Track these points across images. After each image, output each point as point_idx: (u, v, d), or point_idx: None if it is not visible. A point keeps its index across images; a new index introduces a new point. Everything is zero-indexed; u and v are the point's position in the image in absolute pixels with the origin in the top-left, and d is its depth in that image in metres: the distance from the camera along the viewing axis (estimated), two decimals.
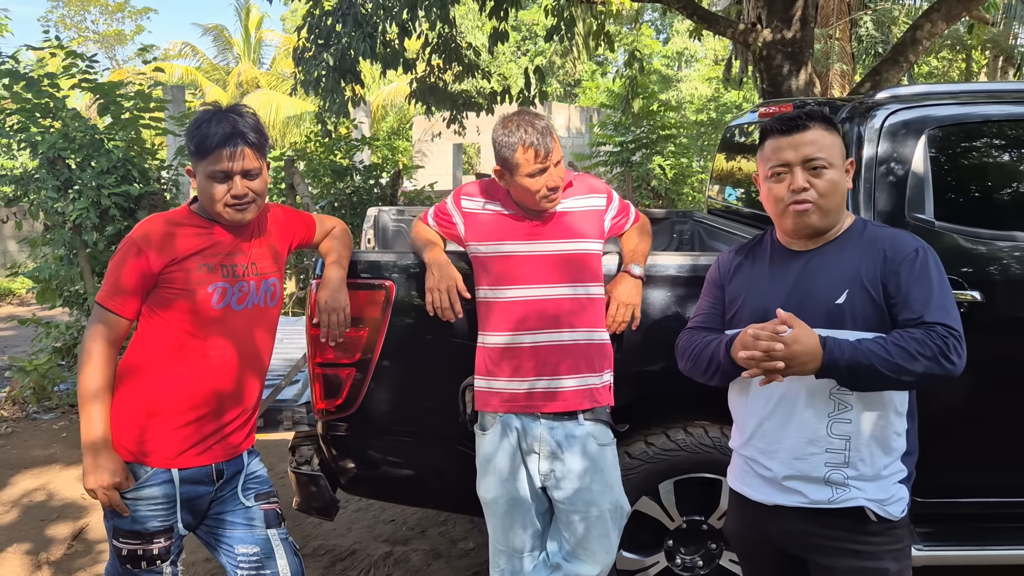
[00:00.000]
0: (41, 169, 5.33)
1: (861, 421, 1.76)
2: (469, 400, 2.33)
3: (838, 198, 1.80)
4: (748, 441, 1.90)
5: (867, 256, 1.78)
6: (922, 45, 6.23)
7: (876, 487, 1.77)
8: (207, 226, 2.08)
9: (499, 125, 2.24)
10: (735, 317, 1.93)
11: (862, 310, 1.74)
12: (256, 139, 2.03)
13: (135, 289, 2.01)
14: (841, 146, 1.83)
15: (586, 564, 2.25)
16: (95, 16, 30.73)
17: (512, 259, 2.26)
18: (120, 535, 2.03)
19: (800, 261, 1.86)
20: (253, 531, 2.14)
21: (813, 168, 1.78)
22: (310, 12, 7.09)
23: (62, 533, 3.65)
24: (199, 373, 2.04)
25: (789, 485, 1.80)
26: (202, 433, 2.05)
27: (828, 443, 1.77)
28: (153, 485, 2.01)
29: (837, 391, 1.75)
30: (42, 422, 5.26)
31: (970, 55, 17.89)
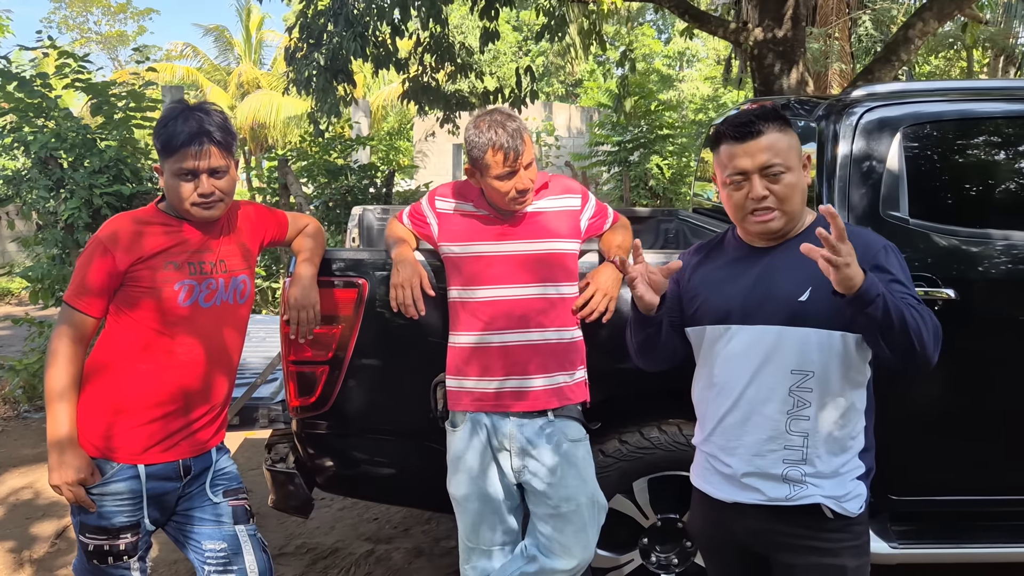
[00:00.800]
0: (33, 169, 5.35)
1: (819, 418, 1.76)
2: (440, 397, 2.34)
3: (799, 198, 1.79)
4: (709, 437, 1.90)
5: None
6: (914, 44, 6.22)
7: (833, 484, 1.77)
8: (174, 224, 2.09)
9: (471, 124, 2.24)
10: (695, 315, 1.93)
11: (825, 308, 1.72)
12: (222, 137, 2.03)
13: (101, 288, 2.01)
14: (797, 144, 1.81)
15: (561, 558, 2.24)
16: (97, 17, 30.82)
17: (483, 259, 2.26)
18: (87, 531, 2.04)
19: (762, 259, 1.85)
20: (221, 527, 2.14)
21: (772, 175, 1.76)
22: (302, 12, 7.11)
23: (46, 531, 3.67)
24: (166, 370, 2.04)
25: (748, 482, 1.81)
26: (168, 430, 2.06)
27: (787, 440, 1.77)
28: (119, 481, 2.02)
29: (797, 388, 1.76)
30: (32, 421, 5.28)
31: (971, 55, 17.85)
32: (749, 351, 1.80)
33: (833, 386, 1.76)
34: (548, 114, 19.13)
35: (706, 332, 1.89)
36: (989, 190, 2.68)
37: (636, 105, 12.00)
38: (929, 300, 2.40)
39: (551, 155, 15.55)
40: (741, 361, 1.81)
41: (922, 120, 2.58)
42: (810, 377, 1.75)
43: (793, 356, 1.75)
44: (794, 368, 1.75)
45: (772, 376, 1.77)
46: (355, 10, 6.82)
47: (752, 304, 1.80)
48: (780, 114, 1.81)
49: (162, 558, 3.39)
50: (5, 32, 13.60)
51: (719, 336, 1.86)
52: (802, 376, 1.75)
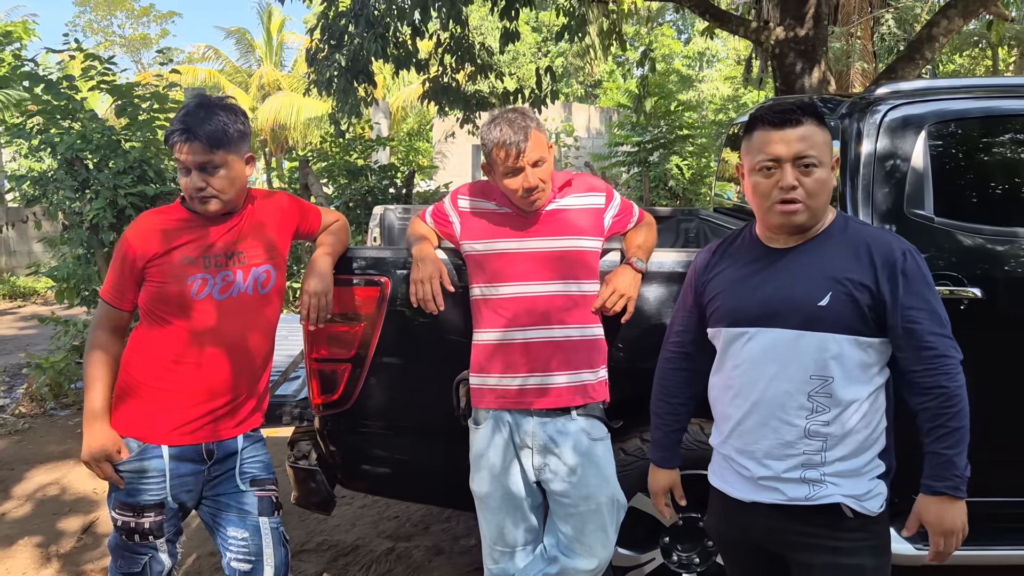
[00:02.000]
0: (59, 170, 5.43)
1: (839, 422, 1.75)
2: (463, 394, 2.35)
3: (825, 196, 1.77)
4: (726, 439, 1.89)
5: (851, 256, 1.75)
6: (939, 42, 6.15)
7: (853, 483, 1.76)
8: (193, 219, 2.16)
9: (485, 122, 2.26)
10: (713, 317, 1.92)
11: (844, 313, 1.72)
12: (207, 134, 2.05)
13: (123, 282, 2.14)
14: (830, 143, 1.79)
15: (582, 558, 2.25)
16: (121, 20, 31.23)
17: (505, 257, 2.26)
18: (117, 506, 2.15)
19: (780, 259, 1.82)
20: (245, 517, 2.19)
21: (805, 166, 1.73)
22: (323, 13, 7.16)
23: (72, 527, 3.72)
24: (185, 361, 2.12)
25: (765, 484, 1.80)
26: (190, 416, 2.13)
27: (806, 445, 1.76)
28: (144, 459, 2.12)
29: (816, 393, 1.74)
30: (58, 418, 5.35)
31: (996, 53, 17.63)
32: (767, 355, 1.78)
33: (853, 390, 1.74)
34: (567, 115, 19.11)
35: (722, 334, 1.88)
36: (1015, 188, 2.65)
37: (656, 105, 11.93)
38: (955, 299, 2.37)
39: (570, 156, 15.53)
40: (758, 364, 1.79)
41: (947, 118, 2.56)
42: (830, 382, 1.73)
43: (812, 361, 1.73)
44: (813, 373, 1.74)
45: (790, 381, 1.75)
46: (376, 11, 6.86)
47: (770, 307, 1.78)
48: (818, 111, 1.78)
49: (187, 548, 3.43)
50: (31, 36, 13.80)
51: (735, 338, 1.84)
52: (821, 381, 1.73)
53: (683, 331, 2.04)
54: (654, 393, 2.09)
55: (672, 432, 2.09)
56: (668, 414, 2.07)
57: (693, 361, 2.02)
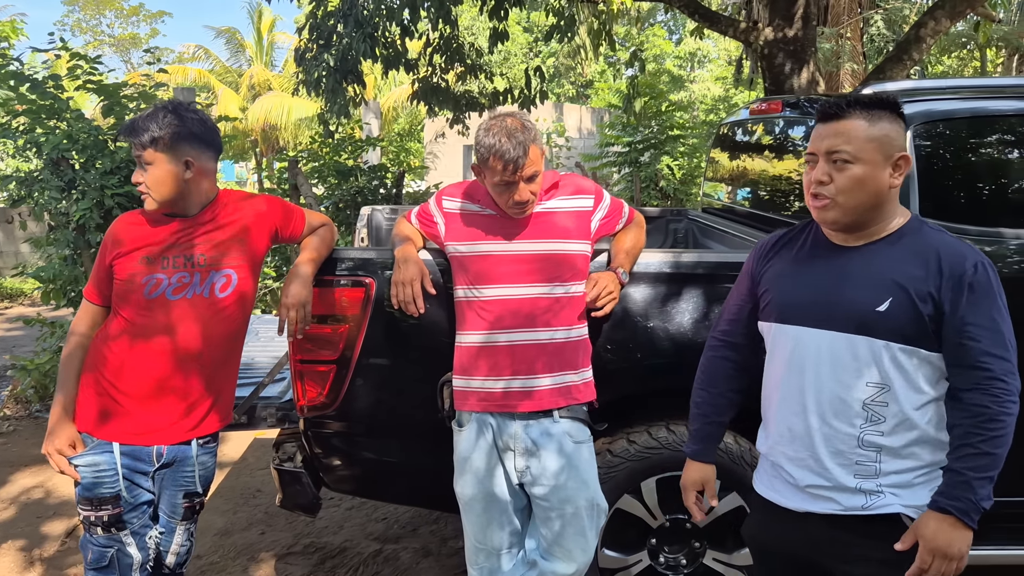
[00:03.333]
0: (45, 170, 5.39)
1: (896, 433, 1.66)
2: (447, 396, 2.33)
3: (863, 196, 1.65)
4: (775, 445, 1.81)
5: (918, 262, 1.64)
6: (926, 43, 6.18)
7: (912, 493, 1.66)
8: (158, 219, 2.21)
9: (484, 123, 2.22)
10: (765, 310, 1.84)
11: (902, 321, 1.62)
12: (137, 132, 2.13)
13: (98, 279, 2.24)
14: (885, 139, 1.65)
15: (562, 562, 2.24)
16: (110, 20, 31.07)
17: (490, 259, 2.25)
18: (78, 501, 2.20)
19: (841, 257, 1.73)
20: (170, 519, 2.30)
21: (835, 161, 1.66)
22: (312, 13, 7.14)
23: (57, 530, 3.69)
24: (139, 360, 2.16)
25: (817, 493, 1.71)
26: (140, 415, 2.16)
27: (860, 454, 1.67)
28: (95, 453, 2.16)
29: (872, 401, 1.66)
30: (43, 420, 5.30)
31: (984, 54, 17.73)
32: (820, 357, 1.70)
33: (912, 401, 1.65)
34: (559, 115, 19.13)
35: (773, 330, 1.81)
36: (1001, 188, 2.66)
37: (647, 106, 11.94)
38: None
39: (561, 156, 15.53)
40: (811, 367, 1.71)
41: (933, 118, 2.56)
42: (885, 391, 1.65)
43: (868, 368, 1.65)
44: (869, 381, 1.65)
45: (844, 387, 1.67)
46: (365, 11, 6.84)
47: (825, 306, 1.69)
48: (881, 102, 1.67)
49: None
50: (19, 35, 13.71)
51: (785, 335, 1.77)
52: (878, 390, 1.65)
53: (733, 320, 1.96)
54: (695, 382, 2.01)
55: (709, 424, 1.99)
56: (706, 404, 1.98)
57: (739, 353, 1.95)
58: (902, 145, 1.67)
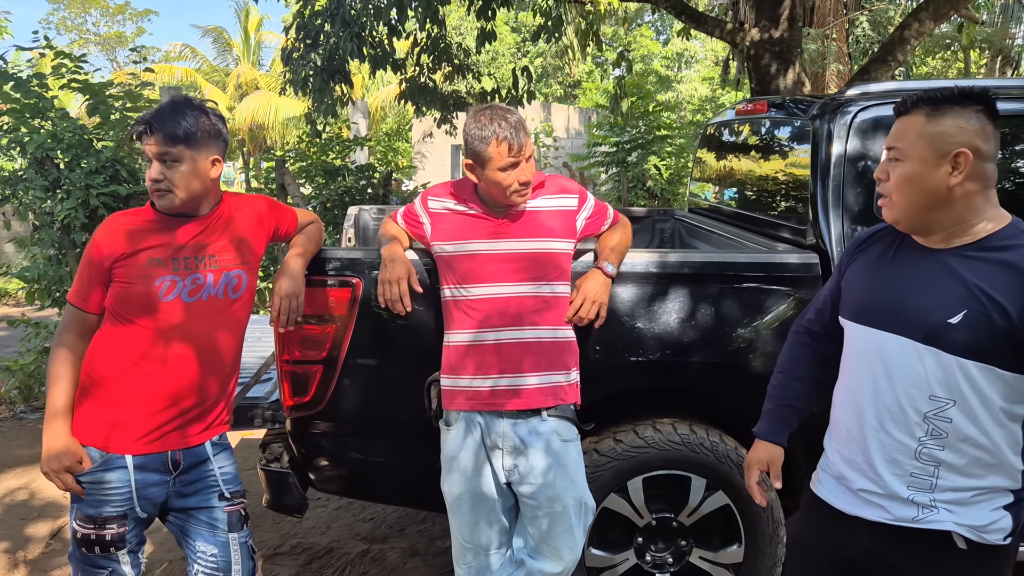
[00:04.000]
0: (29, 169, 5.35)
1: (958, 451, 1.57)
2: (434, 396, 2.33)
3: (915, 195, 1.58)
4: (835, 444, 1.76)
5: (1004, 274, 1.52)
6: (910, 44, 6.22)
7: (970, 512, 1.57)
8: (165, 220, 2.12)
9: (471, 119, 2.24)
10: (842, 305, 1.79)
11: (976, 336, 1.51)
12: (170, 127, 2.05)
13: (91, 284, 2.10)
14: (944, 136, 1.55)
15: (549, 561, 2.25)
16: (96, 18, 30.82)
17: (476, 258, 2.25)
18: (78, 518, 2.08)
19: (923, 261, 1.63)
20: (215, 533, 2.17)
21: (890, 159, 1.62)
22: (299, 12, 7.12)
23: (41, 532, 3.66)
24: (152, 365, 2.07)
25: (868, 499, 1.66)
26: (156, 422, 2.08)
27: (915, 466, 1.59)
28: (107, 470, 2.05)
29: (934, 415, 1.56)
30: (28, 422, 5.27)
31: (968, 55, 17.88)
32: (886, 360, 1.62)
33: (979, 420, 1.54)
34: (547, 115, 19.14)
35: (847, 327, 1.75)
36: None
37: (634, 106, 11.98)
38: None
39: (549, 156, 15.54)
40: (876, 368, 1.64)
41: None
42: (950, 407, 1.55)
43: (933, 380, 1.55)
44: (932, 394, 1.56)
45: (906, 396, 1.59)
46: (352, 10, 6.82)
47: (894, 309, 1.61)
48: (949, 97, 1.57)
49: (156, 557, 3.39)
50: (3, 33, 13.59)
51: (855, 334, 1.71)
52: (940, 405, 1.55)
53: (819, 309, 1.92)
54: (776, 368, 1.99)
55: (780, 407, 1.93)
56: (780, 387, 1.95)
57: (821, 343, 1.91)
58: (966, 141, 1.53)
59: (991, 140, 1.56)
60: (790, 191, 2.85)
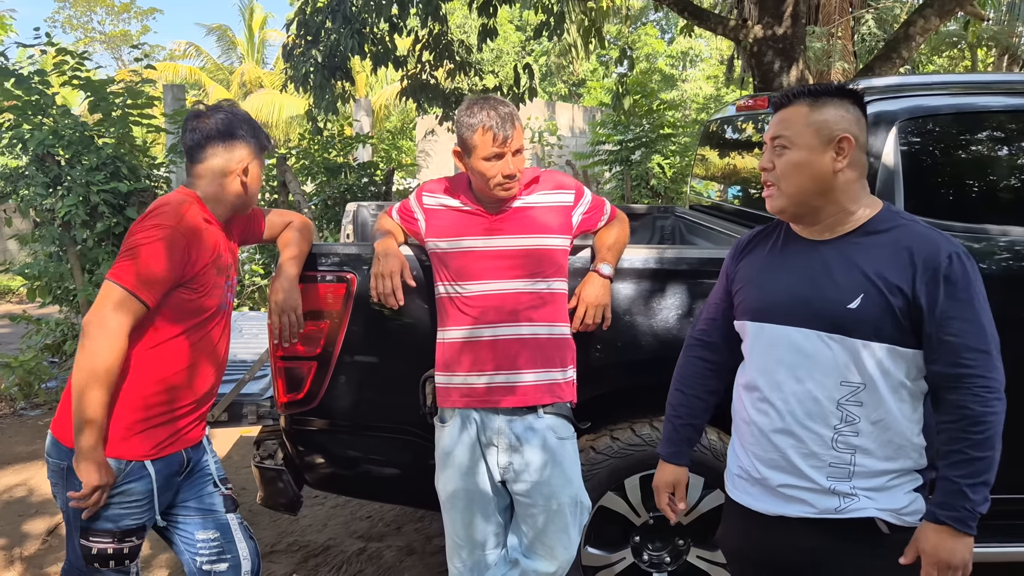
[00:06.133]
0: (31, 166, 5.34)
1: (870, 434, 1.61)
2: (429, 392, 2.31)
3: (803, 181, 1.63)
4: (747, 445, 1.77)
5: (891, 255, 1.59)
6: (915, 41, 6.17)
7: (888, 496, 1.62)
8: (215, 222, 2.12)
9: (463, 106, 2.23)
10: (738, 309, 1.81)
11: (877, 318, 1.57)
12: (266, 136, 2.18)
13: (168, 280, 1.93)
14: (823, 124, 1.62)
15: (544, 560, 2.23)
16: (101, 17, 30.86)
17: (471, 254, 2.23)
18: (91, 534, 1.97)
19: (812, 253, 1.68)
20: (213, 516, 2.15)
21: (776, 148, 1.67)
22: (300, 9, 7.10)
23: (38, 529, 3.65)
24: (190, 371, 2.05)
25: (790, 494, 1.67)
26: (176, 428, 2.06)
27: (833, 456, 1.63)
28: (131, 482, 1.98)
29: (846, 401, 1.61)
30: (28, 419, 5.27)
31: (975, 53, 17.78)
32: (793, 356, 1.65)
33: (887, 401, 1.60)
34: (551, 114, 19.07)
35: (745, 328, 1.77)
36: (987, 185, 2.65)
37: (638, 104, 11.92)
38: None
39: (553, 154, 15.49)
40: (784, 366, 1.66)
41: (919, 114, 2.55)
42: (860, 390, 1.60)
43: (842, 367, 1.60)
44: (843, 380, 1.61)
45: (819, 386, 1.62)
46: (353, 7, 6.80)
47: (796, 304, 1.65)
48: (824, 91, 1.65)
49: (159, 557, 3.37)
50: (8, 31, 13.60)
51: (757, 334, 1.73)
52: (852, 389, 1.61)
53: (711, 319, 1.91)
54: (672, 383, 1.97)
55: (683, 427, 1.94)
56: (681, 406, 1.93)
57: (717, 353, 1.90)
58: (847, 128, 1.62)
59: (865, 131, 1.68)
60: None
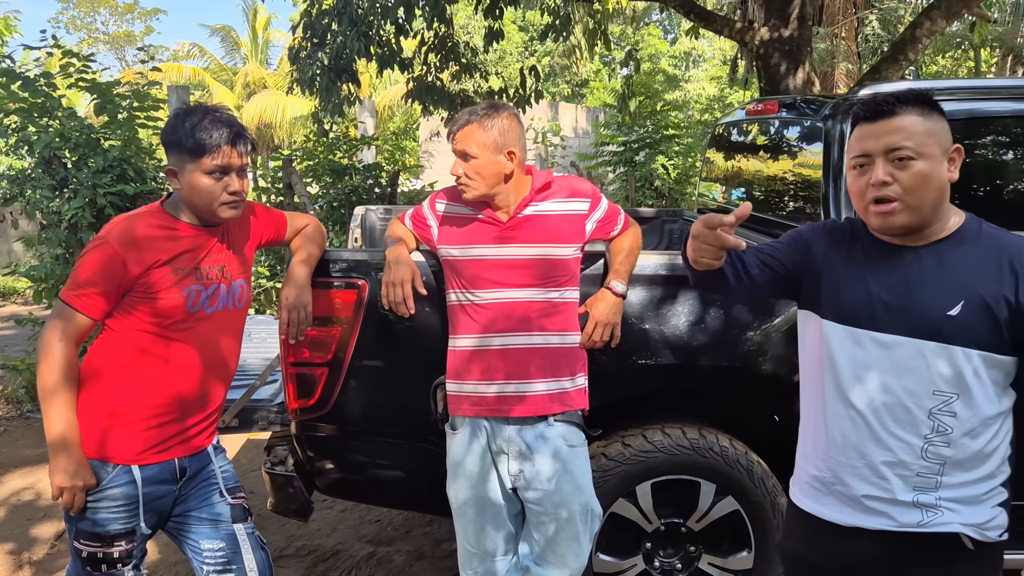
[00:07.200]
0: (37, 168, 5.35)
1: (961, 444, 1.57)
2: (440, 399, 2.31)
3: (931, 193, 1.57)
4: (826, 452, 1.70)
5: (988, 263, 1.56)
6: (922, 43, 6.16)
7: (972, 510, 1.58)
8: (182, 228, 2.07)
9: None
10: (815, 301, 1.72)
11: (976, 326, 1.54)
12: (248, 137, 2.06)
13: (107, 291, 1.96)
14: (940, 132, 1.59)
15: (555, 568, 2.22)
16: (105, 17, 30.92)
17: (483, 263, 2.22)
18: (81, 537, 2.01)
19: (905, 259, 1.62)
20: (219, 527, 2.13)
21: (899, 159, 1.56)
22: (307, 11, 7.10)
23: (46, 533, 3.65)
24: (163, 376, 2.03)
25: (871, 505, 1.62)
26: (164, 435, 2.05)
27: (921, 465, 1.58)
28: (115, 487, 1.99)
29: (939, 411, 1.56)
30: (35, 421, 5.27)
31: (978, 54, 17.75)
32: (886, 362, 1.60)
33: (981, 410, 1.56)
34: (554, 114, 19.07)
35: (825, 328, 1.69)
36: (997, 190, 2.64)
37: (642, 105, 11.91)
38: None
39: (557, 155, 15.49)
40: (876, 372, 1.61)
41: None
42: (954, 400, 1.56)
43: (937, 375, 1.56)
44: (937, 389, 1.56)
45: (910, 395, 1.58)
46: (359, 9, 6.80)
47: (891, 310, 1.60)
48: (926, 97, 1.60)
49: (163, 559, 3.38)
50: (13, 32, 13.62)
51: (845, 338, 1.65)
52: (945, 399, 1.56)
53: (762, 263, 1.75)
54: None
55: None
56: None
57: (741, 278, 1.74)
58: (952, 138, 1.61)
59: None
60: (801, 192, 2.82)
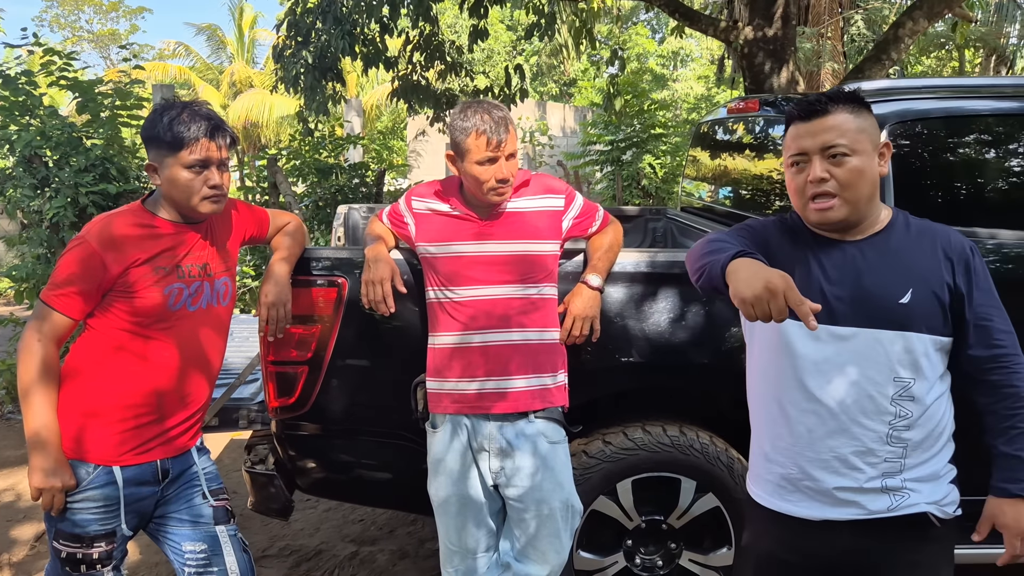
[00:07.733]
0: (18, 167, 5.30)
1: (920, 426, 1.64)
2: (421, 397, 2.31)
3: (866, 188, 1.64)
4: (791, 449, 1.71)
5: (924, 252, 1.66)
6: (904, 43, 6.20)
7: (932, 488, 1.66)
8: (162, 226, 2.06)
9: (457, 110, 2.22)
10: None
11: (926, 311, 1.62)
12: (227, 130, 2.04)
13: (87, 290, 1.95)
14: (871, 128, 1.66)
15: (535, 564, 2.22)
16: (89, 16, 30.70)
17: (461, 259, 2.22)
18: (61, 537, 1.99)
19: (848, 253, 1.68)
20: (200, 528, 2.12)
21: (833, 156, 1.62)
22: (291, 9, 7.07)
23: (26, 534, 3.62)
24: (151, 375, 2.01)
25: (842, 497, 1.66)
26: (144, 435, 2.03)
27: (888, 451, 1.64)
28: (95, 488, 1.97)
29: (899, 396, 1.63)
30: (15, 422, 5.23)
31: (963, 54, 17.88)
32: (845, 355, 1.64)
33: (932, 392, 1.64)
34: (542, 113, 19.08)
35: (782, 324, 1.67)
36: (976, 188, 2.66)
37: (629, 104, 11.93)
38: None
39: (544, 155, 15.50)
40: (836, 366, 1.65)
41: (908, 117, 2.56)
42: (912, 384, 1.63)
43: (895, 362, 1.62)
44: (896, 376, 1.62)
45: (872, 384, 1.62)
46: (344, 8, 6.77)
47: (845, 303, 1.64)
48: (856, 97, 1.67)
49: (144, 560, 3.35)
50: None
51: (804, 335, 1.67)
52: (904, 384, 1.62)
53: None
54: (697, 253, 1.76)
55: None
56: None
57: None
58: (880, 134, 1.70)
59: None
60: (783, 189, 2.83)
